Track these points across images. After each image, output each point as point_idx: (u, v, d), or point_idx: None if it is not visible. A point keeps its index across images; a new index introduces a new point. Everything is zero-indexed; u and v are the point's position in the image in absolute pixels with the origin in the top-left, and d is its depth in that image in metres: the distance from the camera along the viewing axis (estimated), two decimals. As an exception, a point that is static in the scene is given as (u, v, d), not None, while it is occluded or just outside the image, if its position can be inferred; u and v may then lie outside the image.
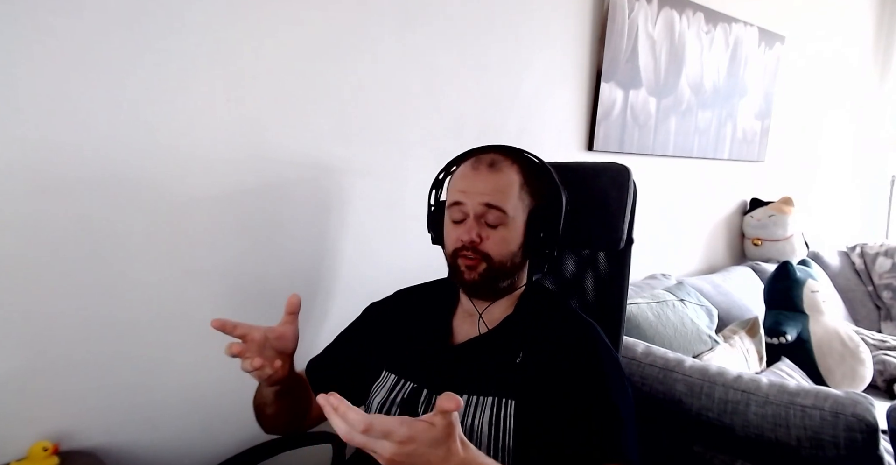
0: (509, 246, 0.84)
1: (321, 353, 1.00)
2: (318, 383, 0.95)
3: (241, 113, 1.08)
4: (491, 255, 0.83)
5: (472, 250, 0.83)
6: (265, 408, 0.87)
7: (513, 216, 0.83)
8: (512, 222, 0.83)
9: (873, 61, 3.28)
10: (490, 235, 0.83)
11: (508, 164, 0.85)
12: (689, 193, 2.28)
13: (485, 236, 0.83)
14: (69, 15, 0.89)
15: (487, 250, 0.83)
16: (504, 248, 0.84)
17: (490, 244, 0.83)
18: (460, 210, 0.84)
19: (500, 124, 1.53)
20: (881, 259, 2.66)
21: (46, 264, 0.92)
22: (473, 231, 0.82)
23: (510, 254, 0.84)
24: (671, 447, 1.18)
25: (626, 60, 1.83)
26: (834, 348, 1.91)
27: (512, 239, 0.84)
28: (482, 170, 0.84)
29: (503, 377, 0.80)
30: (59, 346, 0.95)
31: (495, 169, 0.84)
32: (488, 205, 0.82)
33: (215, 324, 0.74)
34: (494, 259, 0.83)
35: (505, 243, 0.83)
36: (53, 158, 0.91)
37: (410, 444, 0.57)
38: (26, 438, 0.91)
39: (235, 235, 1.12)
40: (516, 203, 0.84)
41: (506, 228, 0.83)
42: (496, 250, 0.83)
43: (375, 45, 1.25)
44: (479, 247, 0.82)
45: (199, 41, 1.02)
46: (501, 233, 0.83)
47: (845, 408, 0.98)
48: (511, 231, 0.84)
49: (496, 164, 0.85)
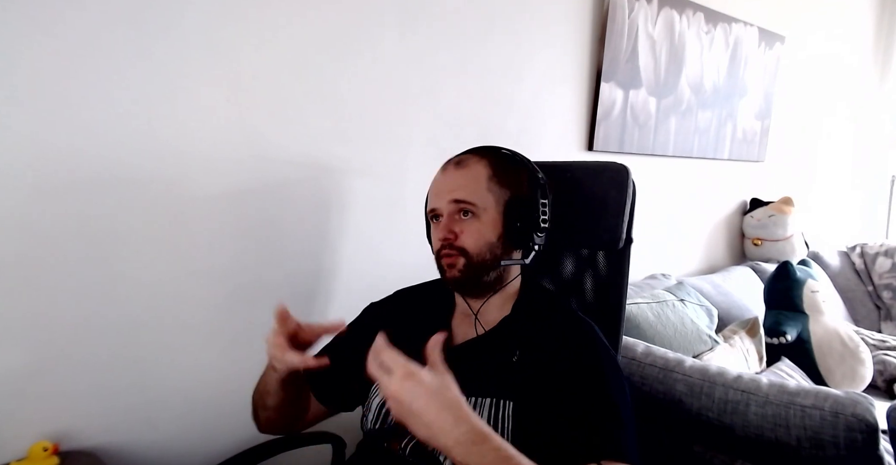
0: (485, 237, 0.85)
1: (319, 353, 1.00)
2: (317, 384, 0.95)
3: (241, 113, 1.09)
4: (467, 248, 0.84)
5: (449, 247, 0.84)
6: (267, 398, 0.87)
7: (483, 207, 0.84)
8: (484, 214, 0.85)
9: (873, 61, 3.28)
10: (463, 229, 0.84)
11: (476, 159, 0.87)
12: (689, 193, 2.28)
13: (458, 231, 0.84)
14: (69, 15, 0.89)
15: (463, 244, 0.84)
16: (479, 239, 0.84)
17: (465, 238, 0.84)
18: (435, 214, 0.87)
19: (500, 124, 1.53)
20: (881, 259, 2.66)
21: (46, 264, 0.92)
22: (446, 228, 0.84)
23: (488, 245, 0.85)
24: (671, 447, 1.18)
25: (626, 60, 1.83)
26: (834, 348, 1.91)
27: (487, 230, 0.85)
28: (449, 169, 0.88)
29: (501, 378, 0.80)
30: (59, 346, 0.95)
31: (461, 166, 0.87)
32: (456, 200, 0.84)
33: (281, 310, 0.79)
34: (471, 252, 0.84)
35: (479, 234, 0.84)
36: (53, 158, 0.91)
37: (410, 379, 0.62)
38: (26, 438, 0.92)
39: (235, 235, 1.12)
40: (484, 194, 0.85)
41: (478, 220, 0.84)
42: (471, 243, 0.84)
43: (376, 46, 1.25)
44: (454, 243, 0.84)
45: (200, 41, 1.02)
46: (475, 225, 0.84)
47: (845, 408, 0.98)
48: (485, 223, 0.85)
49: (462, 161, 0.88)
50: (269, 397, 0.87)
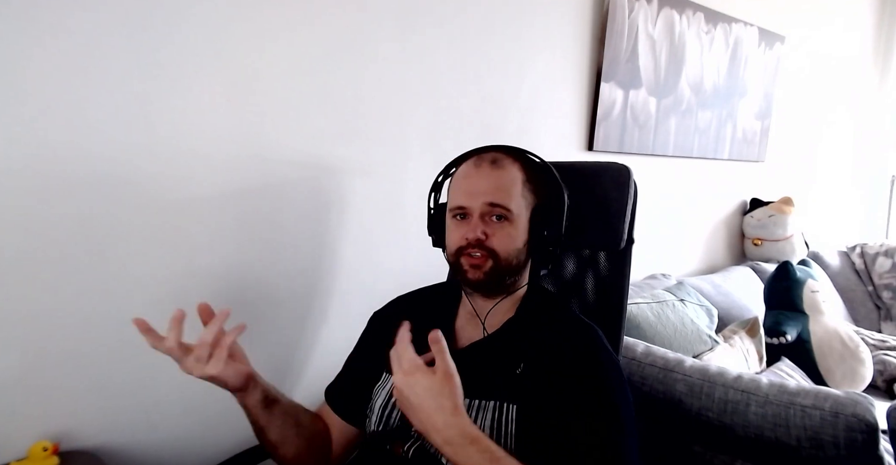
0: (515, 243, 0.84)
1: (337, 377, 0.99)
2: (341, 408, 0.94)
3: (241, 113, 1.08)
4: (497, 251, 0.82)
5: (479, 247, 0.82)
6: (267, 433, 0.84)
7: (517, 213, 0.84)
8: (516, 219, 0.84)
9: (873, 61, 3.28)
10: (496, 231, 0.83)
11: (510, 161, 0.86)
12: (689, 193, 2.28)
13: (490, 233, 0.82)
14: (70, 15, 0.89)
15: (494, 247, 0.82)
16: (510, 244, 0.83)
17: (496, 241, 0.82)
18: (464, 212, 0.85)
19: (500, 124, 1.53)
20: (881, 259, 2.66)
21: (46, 264, 0.92)
22: (479, 229, 0.82)
23: (516, 251, 0.84)
24: (671, 447, 1.18)
25: (626, 60, 1.83)
26: (834, 348, 1.91)
27: (517, 236, 0.84)
28: (485, 167, 0.85)
29: (505, 381, 0.80)
30: (59, 346, 0.95)
31: (498, 166, 0.85)
32: (492, 204, 0.82)
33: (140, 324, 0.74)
34: (501, 256, 0.83)
35: (511, 239, 0.83)
36: (53, 157, 0.90)
37: (411, 377, 0.68)
38: (26, 438, 0.91)
39: (235, 235, 1.12)
40: (519, 201, 0.84)
41: (511, 225, 0.83)
42: (502, 247, 0.83)
43: (376, 46, 1.25)
44: (485, 243, 0.82)
45: (201, 42, 1.02)
46: (507, 230, 0.83)
47: (845, 408, 0.98)
48: (516, 228, 0.84)
49: (498, 161, 0.85)
50: (266, 431, 0.83)
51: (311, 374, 1.26)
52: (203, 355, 0.74)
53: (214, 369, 0.74)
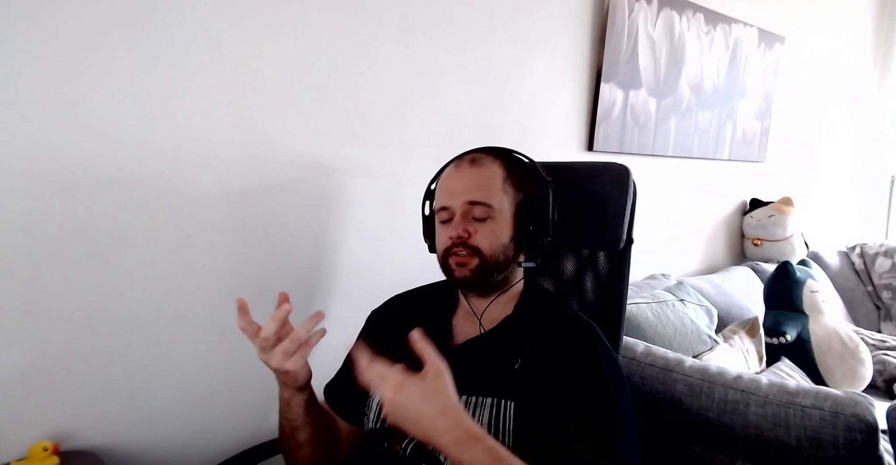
0: (499, 239, 0.84)
1: (335, 375, 0.99)
2: (339, 406, 0.94)
3: (241, 113, 1.09)
4: (481, 248, 0.83)
5: (462, 246, 0.83)
6: (298, 434, 0.83)
7: (499, 209, 0.84)
8: (499, 215, 0.84)
9: (873, 61, 3.28)
10: (478, 228, 0.84)
11: (490, 159, 0.87)
12: (689, 193, 2.28)
13: (472, 231, 0.83)
14: (70, 15, 0.89)
15: (477, 244, 0.83)
16: (494, 240, 0.84)
17: (479, 238, 0.83)
18: (447, 212, 0.86)
19: (500, 125, 1.53)
20: (881, 259, 2.66)
21: (46, 264, 0.92)
22: (460, 227, 0.83)
23: (501, 247, 0.85)
24: (671, 447, 1.18)
25: (626, 61, 1.83)
26: (834, 348, 1.91)
27: (501, 232, 0.85)
28: (464, 167, 0.87)
29: (502, 378, 0.80)
30: (59, 346, 0.95)
31: (477, 164, 0.86)
32: (472, 202, 0.83)
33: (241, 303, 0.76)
34: (485, 253, 0.83)
35: (494, 235, 0.84)
36: (53, 157, 0.91)
37: (401, 391, 0.64)
38: (26, 438, 0.91)
39: (235, 234, 1.12)
40: (500, 196, 0.85)
41: (493, 222, 0.84)
42: (486, 243, 0.83)
43: (376, 46, 1.25)
44: (468, 241, 0.83)
45: (201, 42, 1.02)
46: (489, 226, 0.84)
47: (845, 408, 0.98)
48: (499, 224, 0.84)
49: (477, 160, 0.87)
50: (300, 431, 0.83)
51: (311, 374, 1.26)
52: (291, 349, 0.74)
53: (295, 365, 0.75)
